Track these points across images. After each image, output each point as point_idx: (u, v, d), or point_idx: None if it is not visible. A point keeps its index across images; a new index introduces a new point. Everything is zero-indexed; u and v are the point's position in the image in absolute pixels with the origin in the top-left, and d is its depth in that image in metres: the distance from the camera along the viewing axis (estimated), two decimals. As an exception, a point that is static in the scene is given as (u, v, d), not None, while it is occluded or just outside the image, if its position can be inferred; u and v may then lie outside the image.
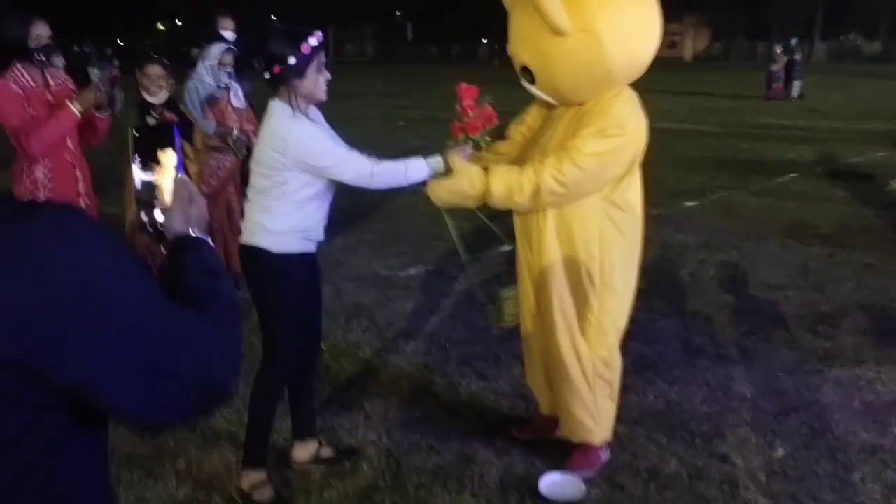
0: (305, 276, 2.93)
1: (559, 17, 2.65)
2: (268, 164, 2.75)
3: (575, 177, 2.74)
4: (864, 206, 7.84)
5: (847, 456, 3.24)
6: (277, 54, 2.67)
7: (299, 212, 2.82)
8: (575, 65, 2.76)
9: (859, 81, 28.14)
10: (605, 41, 2.69)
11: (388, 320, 4.79)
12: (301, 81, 2.71)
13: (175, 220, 1.24)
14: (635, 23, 2.77)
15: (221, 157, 4.85)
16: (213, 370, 1.00)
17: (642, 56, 2.84)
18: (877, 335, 4.50)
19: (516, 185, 2.79)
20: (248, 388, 3.01)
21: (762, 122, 15.77)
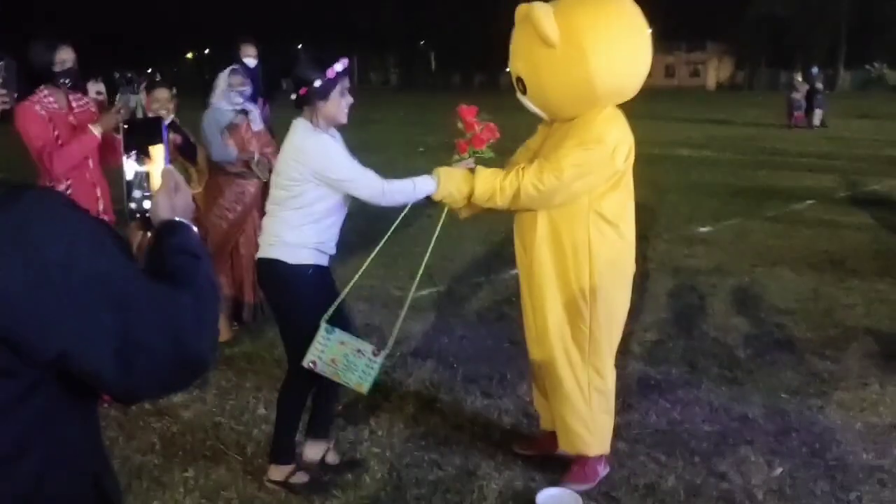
0: (321, 287, 3.09)
1: (550, 28, 2.83)
2: (287, 175, 2.92)
3: (552, 185, 2.89)
4: (879, 233, 7.84)
5: (846, 476, 3.26)
6: (304, 77, 2.87)
7: (316, 225, 2.98)
8: (561, 77, 2.92)
9: (883, 110, 27.96)
10: (590, 57, 2.83)
11: (397, 339, 4.85)
12: (324, 103, 2.90)
13: (161, 207, 1.30)
14: (622, 46, 2.91)
15: (244, 182, 4.91)
16: (189, 343, 1.08)
17: (626, 78, 2.98)
18: (883, 359, 4.51)
19: (499, 188, 2.97)
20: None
21: (782, 150, 15.76)
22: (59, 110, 3.79)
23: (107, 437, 3.53)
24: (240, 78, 4.92)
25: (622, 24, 2.93)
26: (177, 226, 1.27)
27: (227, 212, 4.90)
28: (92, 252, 1.00)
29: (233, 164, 4.83)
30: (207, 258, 1.25)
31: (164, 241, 1.23)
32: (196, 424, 3.74)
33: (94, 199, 3.94)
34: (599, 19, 2.90)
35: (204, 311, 1.13)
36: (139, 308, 1.02)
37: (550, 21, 2.82)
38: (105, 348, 0.99)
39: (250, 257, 5.01)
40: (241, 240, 5.01)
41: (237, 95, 4.88)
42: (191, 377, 1.13)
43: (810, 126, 20.91)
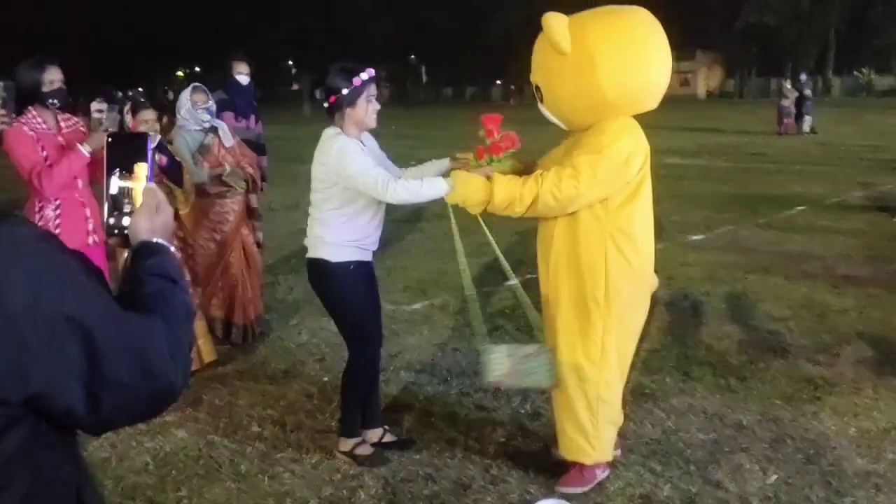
0: (365, 281, 3.37)
1: (561, 36, 2.90)
2: (317, 178, 3.22)
3: (570, 192, 2.89)
4: (870, 238, 7.87)
5: (840, 481, 3.25)
6: (333, 86, 3.15)
7: (352, 223, 3.22)
8: (572, 84, 2.98)
9: (872, 116, 28.16)
10: (599, 66, 2.88)
11: (391, 353, 4.85)
12: (353, 110, 3.16)
13: (141, 226, 1.28)
14: (632, 56, 2.93)
15: (227, 202, 4.88)
16: (160, 373, 1.07)
17: (638, 89, 2.98)
18: (876, 364, 4.52)
19: (518, 196, 2.95)
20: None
21: (772, 157, 15.84)
22: (47, 131, 3.80)
23: (98, 458, 3.51)
24: (203, 95, 4.85)
25: (634, 34, 2.96)
26: (155, 247, 1.26)
27: (213, 233, 4.87)
28: (59, 291, 0.99)
29: (207, 184, 4.78)
30: (184, 282, 1.24)
31: (141, 262, 1.22)
32: (189, 444, 3.72)
33: (83, 219, 3.93)
34: (611, 29, 2.97)
35: (176, 339, 1.11)
36: (108, 344, 1.01)
37: (562, 29, 2.91)
38: (74, 387, 0.99)
39: (241, 276, 4.99)
40: (231, 259, 4.97)
41: (204, 112, 4.81)
42: (162, 406, 1.12)
43: (800, 133, 21.03)
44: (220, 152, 4.85)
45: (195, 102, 4.81)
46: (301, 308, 5.84)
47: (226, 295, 4.99)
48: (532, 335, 3.53)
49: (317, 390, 4.31)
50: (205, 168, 4.76)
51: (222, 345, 4.96)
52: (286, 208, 10.26)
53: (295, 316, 5.67)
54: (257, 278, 5.22)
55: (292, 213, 10.00)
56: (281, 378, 4.52)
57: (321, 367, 4.66)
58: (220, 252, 4.91)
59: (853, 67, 56.00)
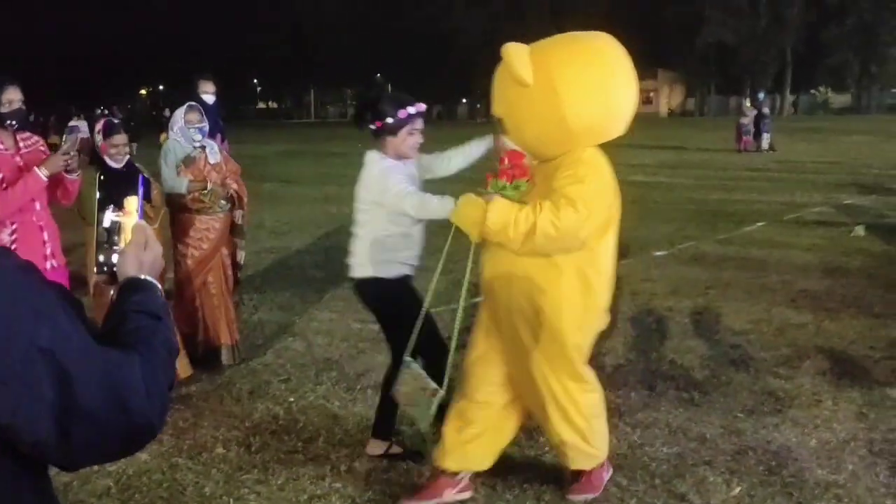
0: (413, 292, 3.51)
1: (523, 68, 2.85)
2: (361, 200, 3.39)
3: (570, 221, 2.78)
4: (827, 253, 8.04)
5: (802, 492, 3.31)
6: (382, 112, 3.34)
7: (399, 241, 3.37)
8: (536, 116, 2.93)
9: (828, 133, 28.86)
10: (562, 96, 2.84)
11: (358, 372, 4.84)
12: (393, 138, 3.34)
13: (128, 263, 1.28)
14: (595, 85, 2.89)
15: (208, 219, 4.84)
16: (137, 410, 1.05)
17: (603, 118, 2.94)
18: (835, 376, 4.61)
19: (513, 221, 2.82)
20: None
21: (732, 174, 16.14)
22: (4, 151, 3.72)
23: (60, 482, 3.44)
24: (197, 114, 4.88)
25: (597, 62, 2.92)
26: (141, 284, 1.26)
27: (192, 249, 4.81)
28: (35, 323, 0.98)
29: (185, 195, 4.75)
30: (169, 319, 1.24)
31: (126, 298, 1.22)
32: (152, 466, 3.66)
33: (39, 243, 3.81)
34: (573, 58, 2.92)
35: (155, 377, 1.10)
36: (82, 378, 1.00)
37: (523, 61, 2.85)
38: (44, 420, 0.98)
39: (221, 296, 4.93)
40: (209, 279, 4.90)
41: (196, 132, 4.83)
42: (138, 444, 1.11)
43: (759, 150, 21.48)
44: (205, 167, 4.85)
45: (189, 122, 4.84)
46: (266, 328, 5.80)
47: (208, 316, 4.90)
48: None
49: (282, 411, 4.28)
50: (186, 178, 4.73)
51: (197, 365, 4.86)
52: (250, 228, 10.13)
53: (260, 336, 5.63)
54: (234, 298, 5.19)
55: (257, 232, 9.94)
56: (246, 399, 4.48)
57: (287, 388, 4.62)
58: (196, 269, 4.84)
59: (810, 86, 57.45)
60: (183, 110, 4.90)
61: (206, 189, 4.78)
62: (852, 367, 4.76)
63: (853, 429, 3.91)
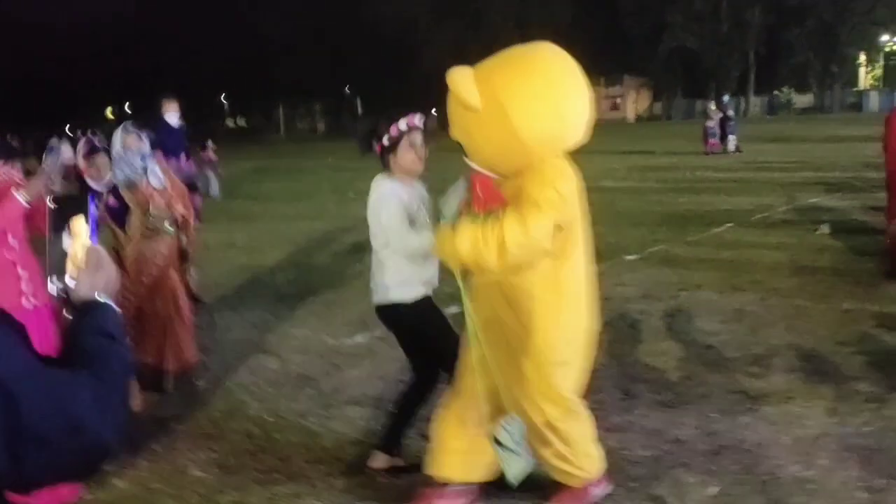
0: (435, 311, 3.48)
1: (468, 93, 2.84)
2: (371, 227, 3.38)
3: (535, 220, 2.78)
4: (795, 252, 8.16)
5: (777, 489, 3.35)
6: (378, 134, 3.33)
7: (414, 264, 3.34)
8: (490, 136, 2.92)
9: (793, 133, 29.31)
10: (512, 114, 2.81)
11: (334, 388, 4.83)
12: (394, 157, 3.33)
13: (82, 285, 1.28)
14: (542, 97, 2.87)
15: (154, 244, 4.76)
16: (89, 429, 1.05)
17: (557, 128, 2.91)
18: (806, 373, 4.68)
19: (480, 235, 2.79)
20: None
21: (700, 177, 16.34)
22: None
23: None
24: (135, 138, 4.75)
25: (539, 75, 2.90)
26: (96, 305, 1.26)
27: (141, 276, 4.72)
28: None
29: None
30: (124, 339, 1.24)
31: (80, 320, 1.22)
32: (129, 493, 3.62)
33: (13, 279, 3.62)
34: (517, 75, 2.89)
35: (109, 395, 1.10)
36: (29, 400, 1.00)
37: (467, 85, 2.85)
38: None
39: (169, 320, 4.84)
40: (158, 304, 4.81)
41: (135, 156, 4.70)
42: (95, 462, 1.11)
43: (726, 152, 21.76)
44: (147, 190, 4.74)
45: (128, 147, 4.70)
46: (240, 348, 5.76)
47: (155, 342, 4.81)
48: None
49: (259, 430, 4.25)
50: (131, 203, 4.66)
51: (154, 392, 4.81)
52: (222, 246, 10.11)
53: (233, 356, 5.58)
54: (187, 323, 5.00)
55: (228, 251, 9.88)
56: (221, 420, 4.44)
57: (262, 407, 4.59)
58: (148, 296, 4.77)
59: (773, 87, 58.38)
60: (121, 134, 4.76)
61: (150, 215, 4.69)
62: (823, 363, 4.84)
63: (825, 424, 3.97)
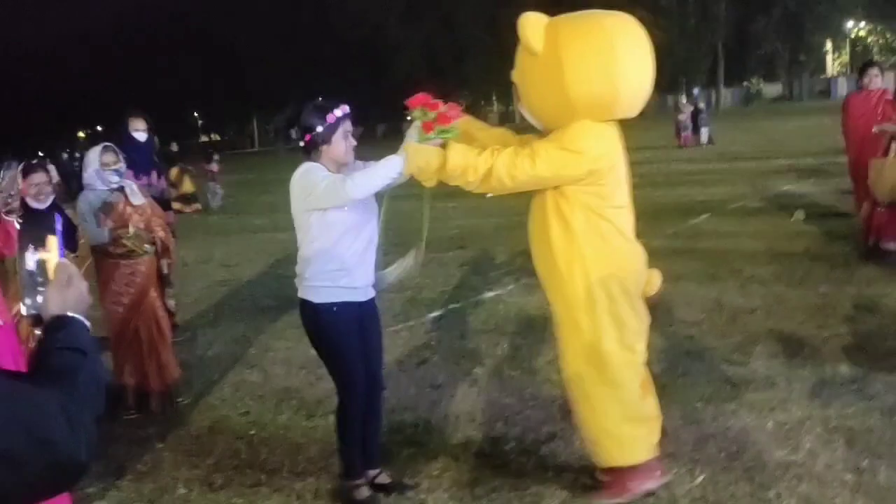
0: (353, 324, 3.22)
1: (533, 38, 3.01)
2: (294, 213, 3.18)
3: (524, 173, 2.95)
4: (771, 239, 8.23)
5: (763, 475, 3.37)
6: (308, 124, 3.14)
7: (329, 258, 3.12)
8: (540, 84, 3.10)
9: (764, 123, 29.60)
10: (566, 69, 2.96)
11: (318, 399, 4.79)
12: (328, 147, 3.14)
13: (52, 301, 1.28)
14: (598, 60, 2.98)
15: (132, 263, 4.71)
16: (58, 444, 1.03)
17: (604, 94, 3.02)
18: (787, 357, 4.71)
19: (472, 165, 2.96)
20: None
21: (675, 170, 16.46)
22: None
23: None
24: (113, 156, 4.72)
25: (602, 40, 3.00)
26: (66, 320, 1.25)
27: (120, 297, 4.68)
28: None
29: (110, 244, 4.63)
30: (96, 354, 1.23)
31: (50, 336, 1.21)
32: (113, 515, 3.57)
33: None
34: (580, 33, 3.04)
35: (79, 410, 1.08)
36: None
37: (535, 29, 3.01)
38: None
39: (151, 342, 4.79)
40: (139, 324, 4.75)
41: (113, 174, 4.67)
42: (66, 480, 1.08)
43: (699, 144, 21.94)
44: (125, 210, 4.70)
45: (105, 164, 4.67)
46: (221, 363, 5.71)
47: (137, 362, 4.76)
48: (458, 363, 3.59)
49: (244, 445, 4.21)
50: (107, 226, 4.60)
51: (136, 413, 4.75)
52: (200, 262, 10.06)
53: (216, 371, 5.53)
54: (168, 342, 4.96)
55: (206, 266, 9.83)
56: (206, 436, 4.40)
57: (246, 421, 4.55)
58: (128, 316, 4.71)
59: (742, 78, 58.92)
60: (98, 152, 4.72)
61: (130, 233, 4.65)
62: (803, 347, 4.87)
63: (808, 408, 4.00)
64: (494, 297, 6.80)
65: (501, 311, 6.32)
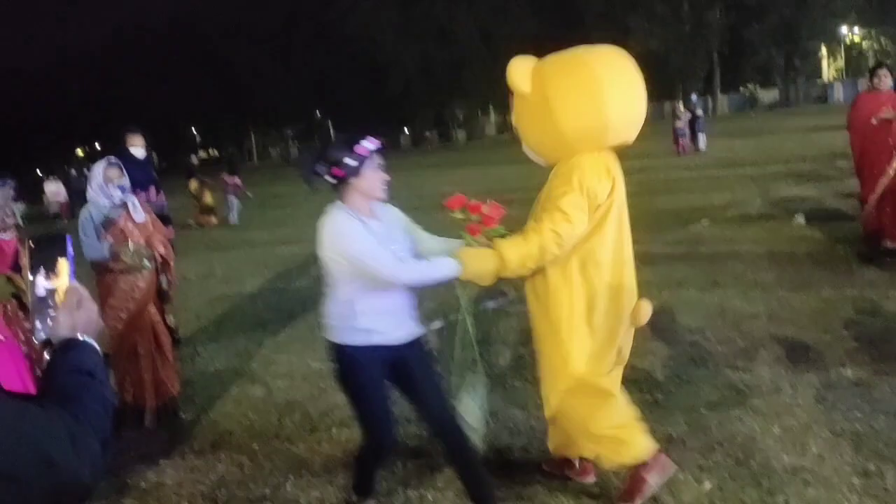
0: (382, 369, 3.04)
1: (521, 81, 3.13)
2: (321, 256, 3.00)
3: (568, 233, 3.04)
4: (772, 244, 8.23)
5: (771, 480, 3.35)
6: (337, 158, 2.94)
7: (359, 305, 2.97)
8: (534, 123, 3.21)
9: (760, 129, 29.65)
10: (554, 106, 3.07)
11: (320, 411, 4.77)
12: (358, 180, 2.95)
13: (62, 324, 1.28)
14: (586, 95, 3.05)
15: (132, 278, 4.69)
16: (63, 466, 1.02)
17: (595, 127, 3.08)
18: (791, 362, 4.70)
19: (527, 254, 3.05)
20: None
21: (674, 177, 16.47)
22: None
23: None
24: (117, 171, 4.72)
25: (587, 72, 3.09)
26: (75, 343, 1.26)
27: (119, 312, 4.65)
28: None
29: (110, 259, 4.60)
30: (104, 376, 1.23)
31: (59, 358, 1.22)
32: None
33: None
34: (564, 70, 3.14)
35: (84, 432, 1.08)
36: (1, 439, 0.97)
37: (519, 72, 3.13)
38: None
39: (149, 356, 4.76)
40: (138, 340, 4.73)
41: (116, 189, 4.68)
42: (70, 501, 1.07)
43: (697, 151, 21.96)
44: (127, 226, 4.70)
45: (109, 178, 4.68)
46: (224, 377, 5.69)
47: (135, 378, 4.73)
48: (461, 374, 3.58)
49: (247, 459, 4.19)
50: (107, 241, 4.59)
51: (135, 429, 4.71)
52: (201, 277, 10.04)
53: (217, 386, 5.51)
54: (169, 357, 4.92)
55: (207, 281, 9.81)
56: (209, 451, 4.37)
57: (249, 435, 4.53)
58: (127, 331, 4.68)
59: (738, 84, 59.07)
60: (102, 166, 4.73)
61: (130, 250, 4.63)
62: (807, 351, 4.86)
63: (814, 412, 3.98)
64: (497, 307, 6.79)
65: (504, 321, 6.30)
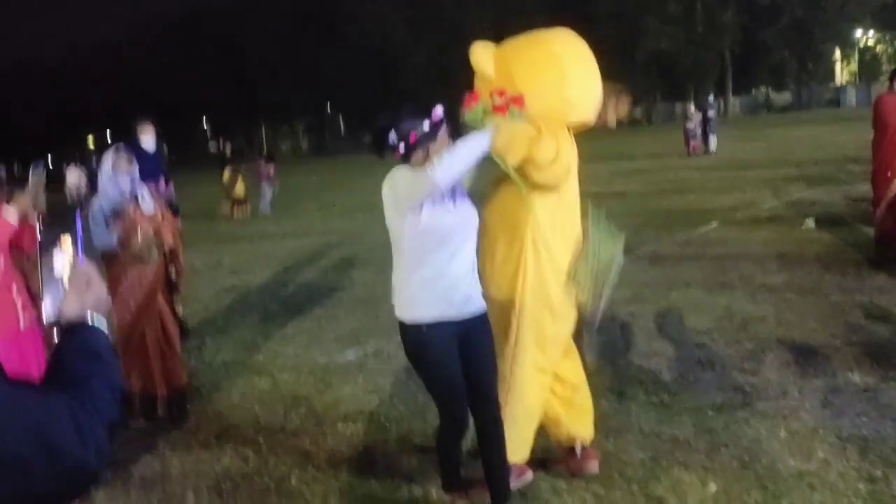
0: (450, 342, 3.00)
1: (485, 64, 3.33)
2: (388, 223, 3.01)
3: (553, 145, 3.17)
4: (781, 246, 8.19)
5: (776, 484, 3.33)
6: (411, 127, 2.96)
7: (422, 275, 2.95)
8: None
9: (772, 131, 29.52)
10: (520, 85, 3.21)
11: (326, 405, 4.78)
12: (434, 143, 2.97)
13: (70, 304, 1.26)
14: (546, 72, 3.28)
15: (141, 268, 4.69)
16: (66, 450, 1.02)
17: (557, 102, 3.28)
18: (798, 366, 4.68)
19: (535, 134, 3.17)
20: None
21: (683, 178, 16.40)
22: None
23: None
24: (126, 162, 4.72)
25: (546, 53, 3.32)
26: (83, 325, 1.24)
27: (128, 301, 4.66)
28: None
29: (119, 249, 4.61)
30: (112, 359, 1.21)
31: (67, 340, 1.20)
32: (121, 521, 3.56)
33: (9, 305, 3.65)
34: (525, 50, 3.37)
35: (89, 417, 1.07)
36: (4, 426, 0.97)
37: (483, 56, 3.32)
38: None
39: (156, 345, 4.77)
40: (146, 329, 4.74)
41: (126, 180, 4.68)
42: (76, 486, 1.07)
43: (707, 152, 21.87)
44: (135, 217, 4.70)
45: (119, 168, 4.69)
46: (230, 369, 5.70)
47: (143, 367, 4.74)
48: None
49: (252, 452, 4.19)
50: (116, 230, 4.60)
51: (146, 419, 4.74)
52: (209, 268, 10.06)
53: (224, 377, 5.52)
54: (176, 348, 4.93)
55: (215, 272, 9.84)
56: (214, 443, 4.38)
57: (255, 428, 4.54)
58: (136, 320, 4.70)
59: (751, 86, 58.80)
60: (112, 156, 4.74)
61: (137, 239, 4.63)
62: (814, 355, 4.83)
63: (820, 416, 3.96)
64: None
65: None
